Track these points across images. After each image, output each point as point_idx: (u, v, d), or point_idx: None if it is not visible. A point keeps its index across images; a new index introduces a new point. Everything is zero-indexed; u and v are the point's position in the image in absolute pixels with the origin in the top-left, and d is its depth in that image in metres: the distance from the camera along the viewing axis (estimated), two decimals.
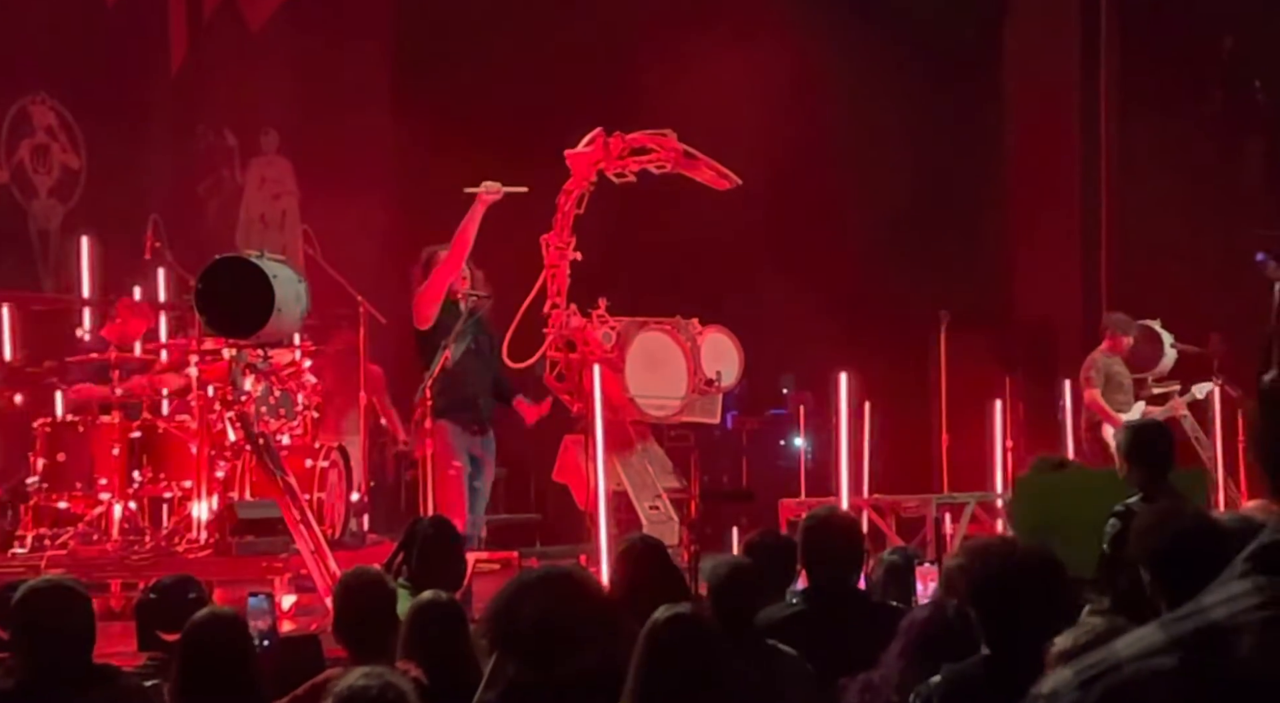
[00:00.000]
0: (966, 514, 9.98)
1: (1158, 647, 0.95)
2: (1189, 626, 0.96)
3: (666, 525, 9.44)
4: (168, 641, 5.54)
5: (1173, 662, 0.94)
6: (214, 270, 7.61)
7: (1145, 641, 0.96)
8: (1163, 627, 0.97)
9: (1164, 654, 0.95)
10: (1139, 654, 0.95)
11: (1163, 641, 0.96)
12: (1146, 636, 0.97)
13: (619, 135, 9.75)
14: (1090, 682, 0.96)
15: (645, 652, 3.53)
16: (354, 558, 7.67)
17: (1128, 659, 0.96)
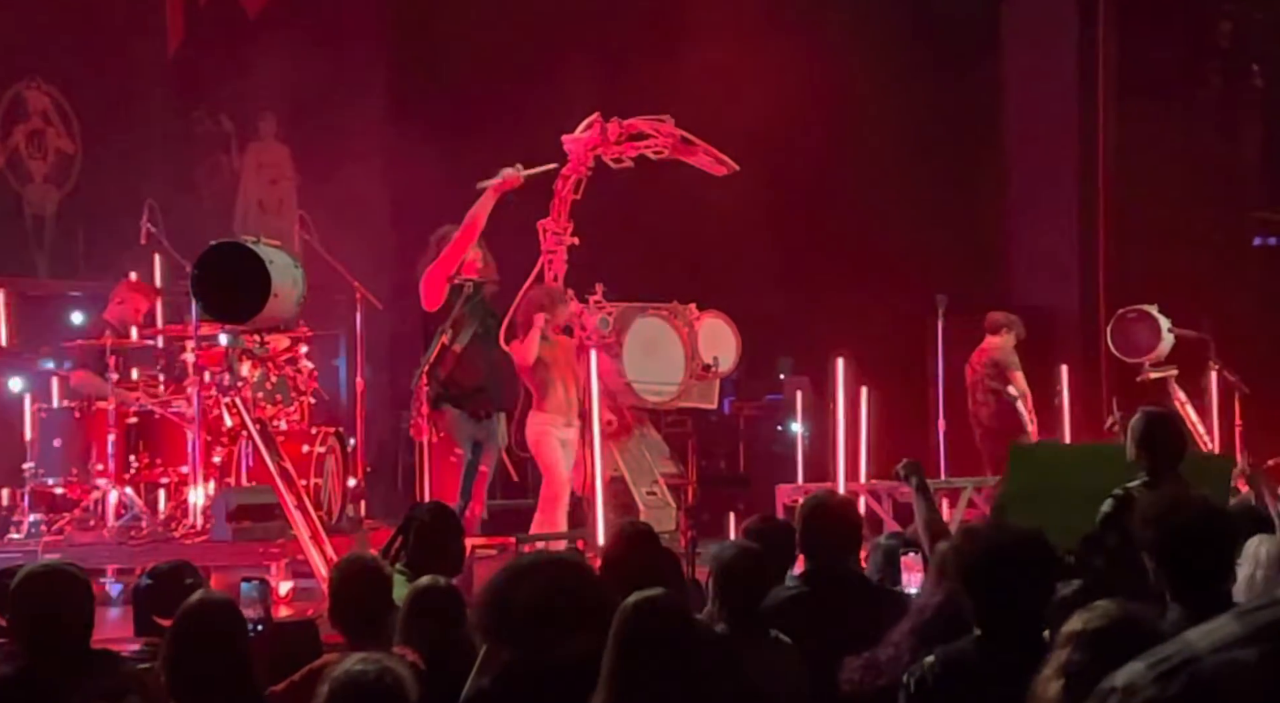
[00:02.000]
0: (963, 500, 9.98)
1: (1237, 639, 0.95)
2: (1268, 616, 0.95)
3: (664, 511, 9.44)
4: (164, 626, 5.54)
5: (1255, 654, 0.93)
6: (210, 256, 7.60)
7: (1222, 632, 0.96)
8: (1238, 619, 0.96)
9: (1245, 646, 0.94)
10: (1218, 646, 0.95)
11: (1241, 632, 0.95)
12: (1222, 627, 0.96)
13: (616, 121, 9.73)
14: (1168, 674, 0.95)
15: (617, 638, 3.52)
16: (351, 544, 7.68)
17: (1207, 652, 0.95)
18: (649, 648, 3.51)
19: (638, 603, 3.59)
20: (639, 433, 10.03)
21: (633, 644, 3.51)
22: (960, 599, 3.94)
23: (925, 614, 4.14)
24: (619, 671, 3.48)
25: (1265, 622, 0.93)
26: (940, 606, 4.12)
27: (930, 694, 3.67)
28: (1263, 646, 0.92)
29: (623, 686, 3.47)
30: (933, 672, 3.69)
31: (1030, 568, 3.74)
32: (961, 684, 3.64)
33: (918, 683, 3.70)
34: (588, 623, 3.65)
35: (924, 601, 4.22)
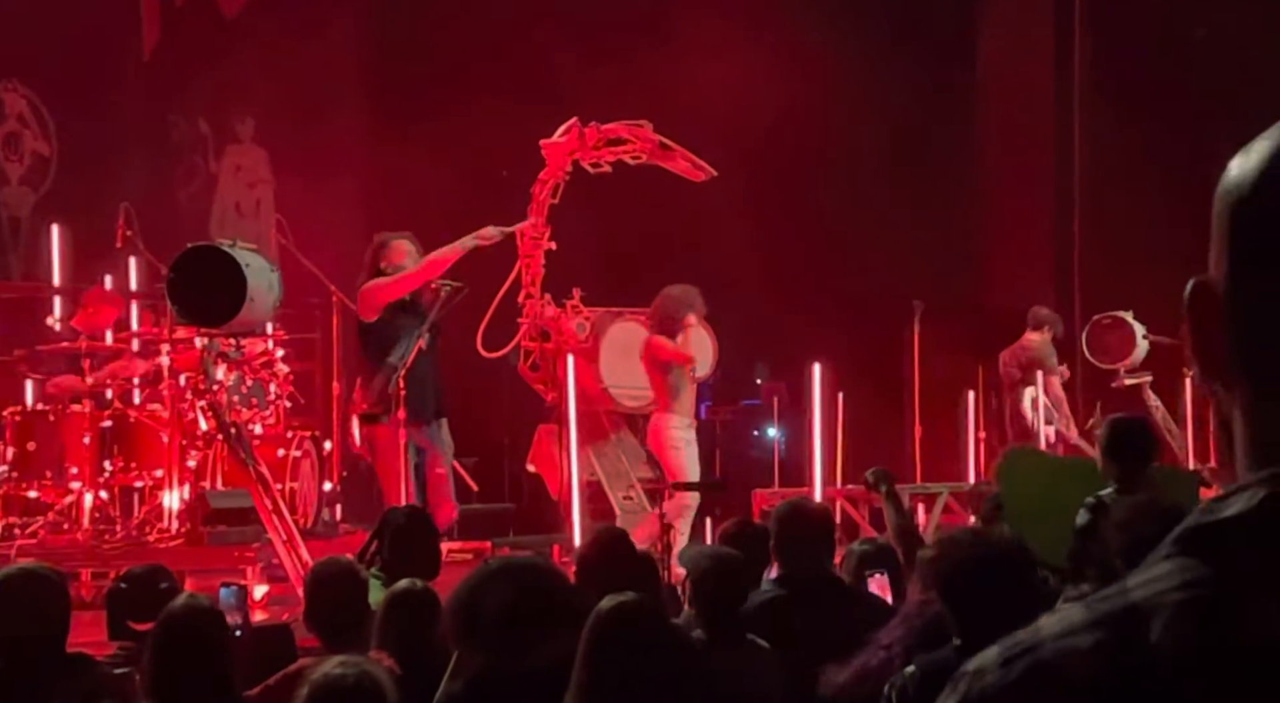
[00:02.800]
0: (939, 505, 10.01)
1: (1078, 626, 0.96)
2: (1109, 605, 0.96)
3: (640, 515, 9.45)
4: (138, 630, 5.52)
5: (1090, 641, 0.94)
6: (186, 259, 7.58)
7: (1068, 619, 0.97)
8: (1086, 606, 0.97)
9: (1083, 633, 0.95)
10: (1060, 633, 0.96)
11: (1083, 620, 0.96)
12: (1070, 614, 0.97)
13: (595, 126, 9.74)
14: (1012, 659, 0.97)
15: (590, 642, 3.52)
16: (326, 548, 7.66)
17: (1049, 638, 0.96)
18: (621, 652, 3.50)
19: (611, 607, 3.58)
20: (615, 437, 10.04)
21: (605, 648, 3.51)
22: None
23: (921, 620, 4.13)
24: (590, 675, 3.48)
25: (1107, 610, 0.96)
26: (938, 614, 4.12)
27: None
28: (1099, 633, 0.94)
29: (594, 690, 3.47)
30: (914, 681, 3.69)
31: (1010, 577, 3.74)
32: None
33: (899, 693, 3.70)
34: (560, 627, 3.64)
35: (918, 605, 4.20)
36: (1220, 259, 1.05)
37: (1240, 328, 1.02)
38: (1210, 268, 1.06)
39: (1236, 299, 1.02)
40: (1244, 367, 1.02)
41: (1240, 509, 0.98)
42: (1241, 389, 1.03)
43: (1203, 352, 1.05)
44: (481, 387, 12.05)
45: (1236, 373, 1.03)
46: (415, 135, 12.01)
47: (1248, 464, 1.02)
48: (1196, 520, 1.00)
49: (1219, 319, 1.03)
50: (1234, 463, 1.06)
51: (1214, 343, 1.04)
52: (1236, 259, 1.03)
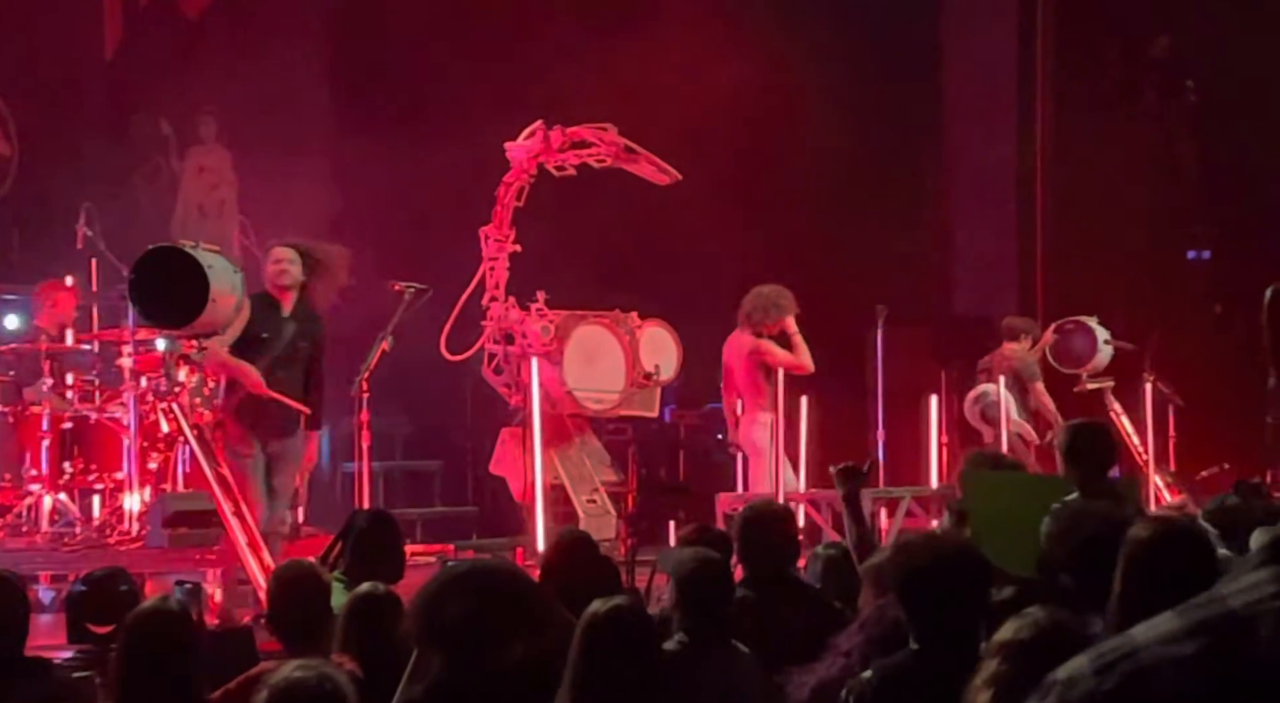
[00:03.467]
0: (902, 509, 10.02)
1: (1176, 634, 0.96)
2: (1206, 614, 0.97)
3: (604, 519, 9.45)
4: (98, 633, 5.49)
5: (1192, 649, 0.95)
6: (148, 260, 7.52)
7: (1163, 628, 0.97)
8: (1180, 615, 0.98)
9: (1183, 642, 0.95)
10: (1157, 641, 0.96)
11: (1181, 628, 0.96)
12: (1164, 623, 0.97)
13: (559, 128, 9.74)
14: (1108, 667, 0.97)
15: (583, 644, 3.52)
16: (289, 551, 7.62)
17: (1145, 645, 0.96)
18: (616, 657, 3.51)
19: (605, 610, 3.59)
20: (580, 441, 10.03)
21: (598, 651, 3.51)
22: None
23: (882, 625, 4.13)
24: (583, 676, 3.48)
25: (1203, 618, 0.95)
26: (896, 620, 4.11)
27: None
28: (1199, 640, 0.94)
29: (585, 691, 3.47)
30: (871, 686, 3.70)
31: (966, 580, 3.75)
32: (899, 698, 3.65)
33: (857, 698, 3.71)
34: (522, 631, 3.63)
35: (876, 611, 4.20)
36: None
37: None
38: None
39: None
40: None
41: None
42: None
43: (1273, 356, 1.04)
44: (445, 390, 12.03)
45: None
46: (380, 137, 11.97)
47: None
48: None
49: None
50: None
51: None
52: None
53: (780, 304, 9.60)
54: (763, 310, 9.56)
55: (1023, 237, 13.67)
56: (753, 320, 9.60)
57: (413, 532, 10.47)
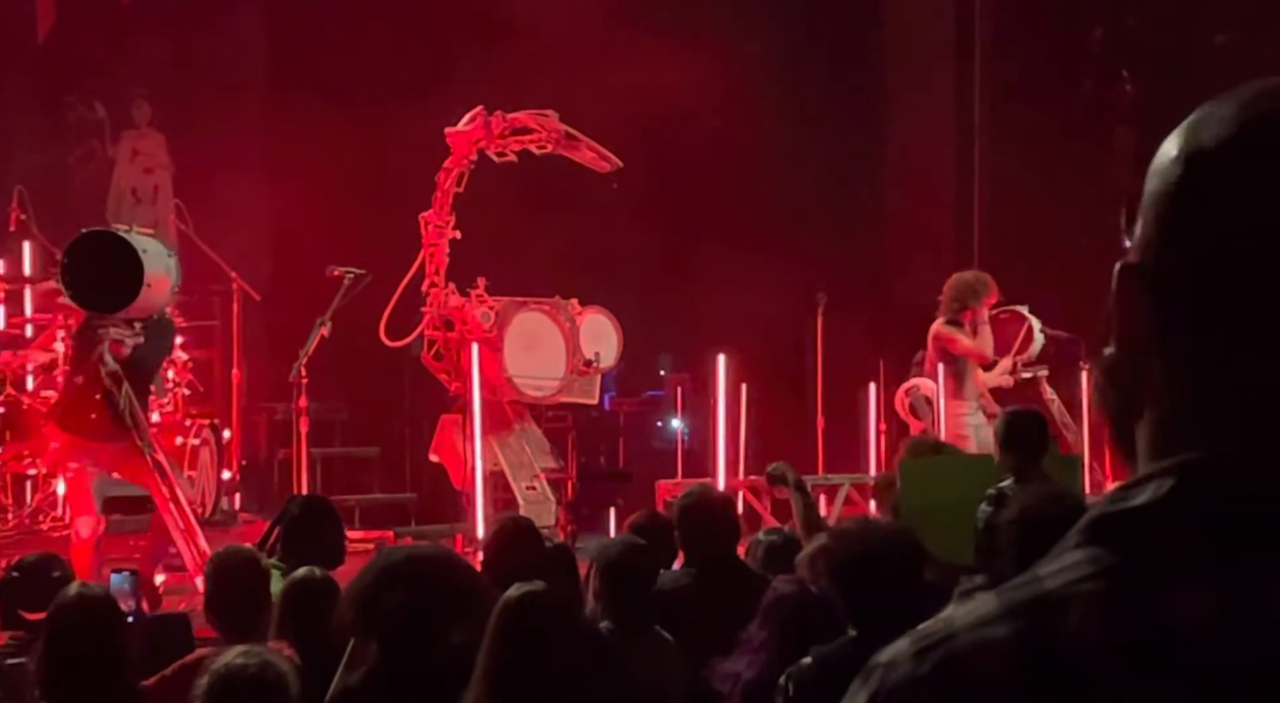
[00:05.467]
0: (841, 496, 10.08)
1: (991, 616, 0.95)
2: (1022, 595, 0.96)
3: (543, 506, 9.43)
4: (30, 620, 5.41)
5: (1005, 631, 0.93)
6: (81, 244, 7.43)
7: (980, 610, 0.96)
8: (998, 596, 0.97)
9: (997, 624, 0.94)
10: (973, 624, 0.95)
11: (996, 610, 0.95)
12: (982, 605, 0.96)
13: (500, 114, 9.70)
14: (925, 651, 0.96)
15: (497, 631, 3.50)
16: (225, 537, 7.56)
17: (962, 629, 0.95)
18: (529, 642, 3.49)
19: (520, 597, 3.57)
20: (519, 428, 10.01)
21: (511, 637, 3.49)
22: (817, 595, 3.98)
23: (779, 616, 4.12)
24: (496, 663, 3.46)
25: (1019, 599, 0.95)
26: (793, 607, 4.11)
27: (808, 697, 3.69)
28: (1013, 623, 0.94)
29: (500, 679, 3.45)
30: (810, 673, 3.71)
31: (898, 568, 3.78)
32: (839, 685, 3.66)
33: (796, 685, 3.72)
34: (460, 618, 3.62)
35: (772, 601, 4.19)
36: (1149, 237, 1.05)
37: (1162, 308, 1.02)
38: (1135, 248, 1.06)
39: (1161, 279, 1.03)
40: (1160, 348, 1.02)
41: (1149, 498, 0.98)
42: (1155, 373, 1.02)
43: (1124, 332, 1.05)
44: (383, 376, 11.97)
45: (1152, 355, 1.02)
46: (318, 121, 11.88)
47: (1152, 451, 1.02)
48: (1104, 509, 1.00)
49: (1142, 299, 1.03)
50: (1130, 449, 1.05)
51: (1136, 323, 1.03)
52: (1165, 237, 1.04)
53: (977, 291, 9.23)
54: (958, 298, 9.23)
55: (960, 226, 13.76)
56: (948, 307, 9.36)
57: (351, 518, 10.41)
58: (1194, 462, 0.98)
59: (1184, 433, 1.00)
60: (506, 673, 3.45)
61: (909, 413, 10.82)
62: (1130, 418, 1.04)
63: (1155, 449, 1.02)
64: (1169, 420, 1.01)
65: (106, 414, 7.35)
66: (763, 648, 4.11)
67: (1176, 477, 0.97)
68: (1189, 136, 1.05)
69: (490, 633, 3.50)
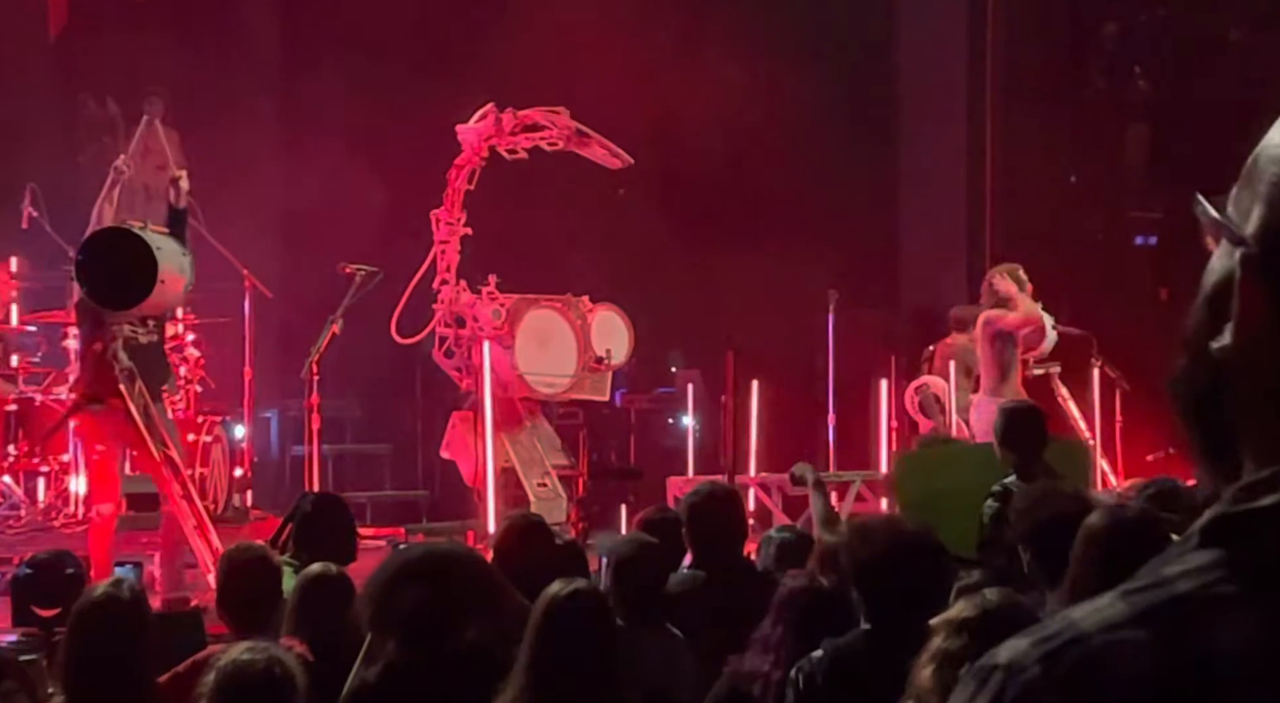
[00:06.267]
0: (852, 493, 10.08)
1: (1124, 619, 0.93)
2: (1154, 597, 0.94)
3: (554, 502, 9.44)
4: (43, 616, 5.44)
5: (1144, 635, 0.92)
6: (95, 241, 7.45)
7: (1108, 612, 0.94)
8: (1124, 598, 0.94)
9: (1134, 627, 0.92)
10: (1104, 626, 0.93)
11: (1128, 613, 0.93)
12: (1108, 606, 0.94)
13: (511, 111, 9.70)
14: (1054, 654, 0.93)
15: (542, 625, 3.52)
16: (237, 534, 7.58)
17: (1094, 631, 0.93)
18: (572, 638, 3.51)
19: (569, 594, 3.58)
20: (530, 424, 10.01)
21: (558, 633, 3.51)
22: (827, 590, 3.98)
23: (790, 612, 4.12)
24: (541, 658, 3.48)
25: (1153, 602, 0.93)
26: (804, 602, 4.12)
27: (819, 690, 3.69)
28: (1151, 626, 0.92)
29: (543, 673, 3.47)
30: (821, 667, 3.71)
31: (921, 565, 3.78)
32: (850, 679, 3.67)
33: (806, 679, 3.72)
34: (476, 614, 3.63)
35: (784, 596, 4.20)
36: (1270, 225, 1.01)
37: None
38: (1254, 237, 1.01)
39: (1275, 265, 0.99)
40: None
41: (1277, 500, 0.95)
42: (1275, 369, 0.98)
43: (1243, 326, 1.00)
44: (395, 373, 11.99)
45: (1273, 349, 0.99)
46: (330, 119, 11.90)
47: (1271, 449, 0.98)
48: (1229, 509, 0.97)
49: (1264, 291, 0.99)
50: (1212, 446, 1.02)
51: (1256, 316, 1.00)
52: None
53: (999, 269, 9.18)
54: (1004, 287, 9.13)
55: (972, 222, 13.74)
56: (991, 296, 9.28)
57: (363, 515, 10.43)
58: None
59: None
60: (550, 667, 3.47)
61: (918, 411, 10.82)
62: (1232, 417, 1.01)
63: (1272, 450, 0.98)
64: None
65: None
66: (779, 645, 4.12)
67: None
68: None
69: (534, 627, 3.52)
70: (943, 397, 10.69)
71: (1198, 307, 1.04)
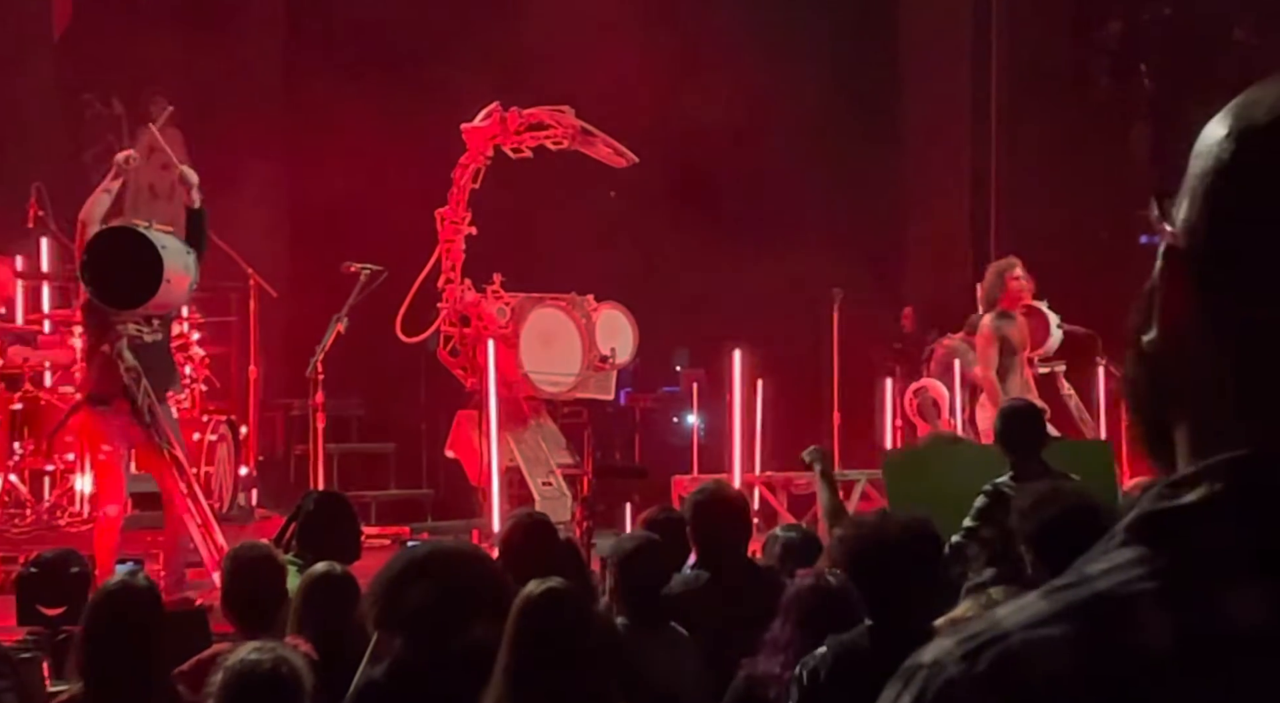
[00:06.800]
0: (857, 491, 10.07)
1: (1044, 616, 0.93)
2: (1075, 595, 0.94)
3: (559, 501, 9.43)
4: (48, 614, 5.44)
5: (1062, 631, 0.92)
6: (101, 240, 7.45)
7: (1030, 610, 0.94)
8: (1046, 596, 0.94)
9: (1052, 624, 0.92)
10: (1025, 623, 0.93)
11: (1049, 610, 0.93)
12: (1030, 605, 0.94)
13: (516, 110, 9.70)
14: (975, 652, 0.93)
15: (518, 626, 3.51)
16: (241, 533, 7.58)
17: (1014, 628, 0.93)
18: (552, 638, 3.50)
19: (539, 592, 3.57)
20: (535, 423, 10.01)
21: (534, 634, 3.50)
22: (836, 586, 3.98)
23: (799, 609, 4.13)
24: (518, 660, 3.47)
25: (1073, 600, 0.93)
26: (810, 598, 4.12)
27: (822, 686, 3.69)
28: (1070, 623, 0.92)
29: (520, 676, 3.46)
30: (825, 663, 3.71)
31: (914, 559, 3.78)
32: (854, 675, 3.67)
33: (810, 675, 3.72)
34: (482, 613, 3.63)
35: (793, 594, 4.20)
36: (1195, 220, 1.00)
37: (1210, 294, 0.98)
38: (1179, 232, 1.00)
39: (1208, 263, 0.98)
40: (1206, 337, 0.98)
41: (1200, 496, 0.95)
42: (1199, 364, 0.98)
43: (1167, 320, 1.00)
44: (400, 372, 11.99)
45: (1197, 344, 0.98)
46: (334, 118, 11.90)
47: (1195, 446, 0.99)
48: (1152, 507, 0.97)
49: (1188, 285, 0.99)
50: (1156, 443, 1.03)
51: (1181, 311, 1.00)
52: (1213, 219, 0.99)
53: (1000, 269, 9.14)
54: (990, 283, 9.14)
55: (977, 220, 13.74)
56: (988, 298, 9.27)
57: (368, 514, 10.44)
58: (1245, 459, 0.95)
59: (1231, 429, 0.96)
60: (528, 669, 3.46)
61: (917, 414, 10.82)
62: (1165, 411, 1.01)
63: (1199, 445, 0.98)
64: (1214, 415, 0.98)
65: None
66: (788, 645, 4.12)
67: (1227, 475, 0.94)
68: (1240, 114, 1.01)
69: (511, 629, 3.51)
70: (940, 400, 10.71)
71: (1136, 305, 1.05)
